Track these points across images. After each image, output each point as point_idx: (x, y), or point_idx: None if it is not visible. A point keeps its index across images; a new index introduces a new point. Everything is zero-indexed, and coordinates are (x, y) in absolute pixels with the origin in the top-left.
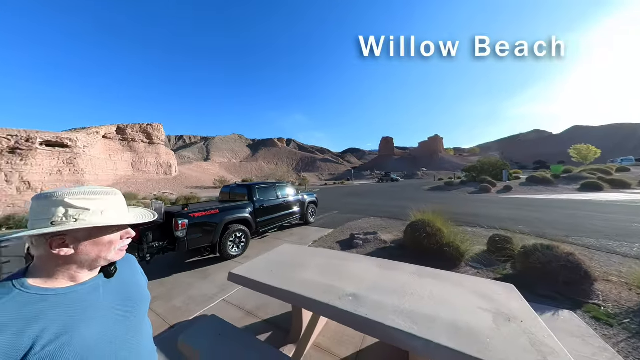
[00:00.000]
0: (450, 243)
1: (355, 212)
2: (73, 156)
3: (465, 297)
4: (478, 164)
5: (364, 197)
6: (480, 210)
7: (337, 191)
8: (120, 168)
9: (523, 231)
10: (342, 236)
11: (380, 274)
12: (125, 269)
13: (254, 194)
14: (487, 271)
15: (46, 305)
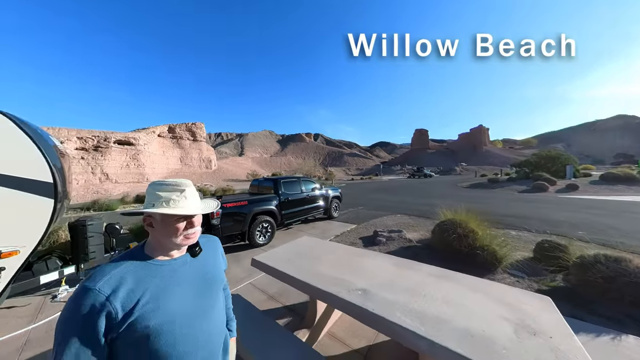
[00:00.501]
0: (484, 246)
1: (381, 209)
2: (137, 152)
3: (485, 304)
4: (533, 157)
5: (392, 193)
6: (530, 212)
7: (363, 186)
8: (171, 162)
9: (583, 238)
10: (365, 232)
11: (395, 272)
12: (209, 251)
13: (280, 187)
14: (530, 281)
15: (150, 272)
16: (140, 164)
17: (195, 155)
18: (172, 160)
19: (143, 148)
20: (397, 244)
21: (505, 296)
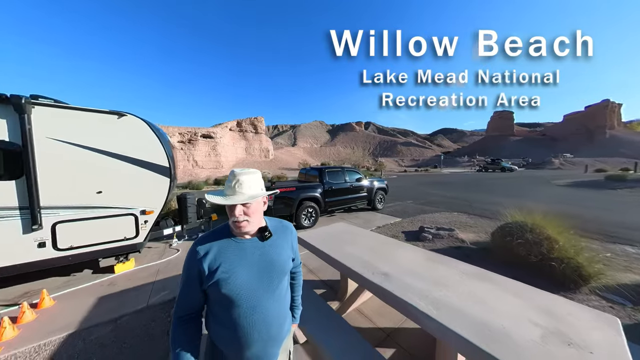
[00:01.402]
0: (565, 258)
1: (433, 204)
2: (215, 144)
3: (519, 307)
4: None
5: (450, 188)
6: None
7: (417, 179)
8: (239, 152)
9: None
10: (409, 227)
11: (423, 264)
12: (278, 238)
13: (324, 176)
14: (635, 311)
15: (229, 247)
16: (217, 154)
17: (257, 146)
18: (239, 150)
19: (219, 140)
20: (446, 242)
21: (552, 306)
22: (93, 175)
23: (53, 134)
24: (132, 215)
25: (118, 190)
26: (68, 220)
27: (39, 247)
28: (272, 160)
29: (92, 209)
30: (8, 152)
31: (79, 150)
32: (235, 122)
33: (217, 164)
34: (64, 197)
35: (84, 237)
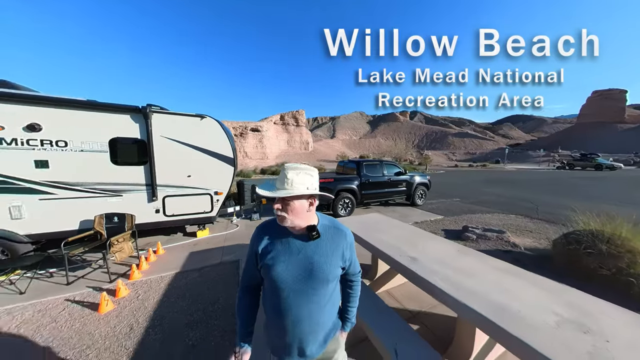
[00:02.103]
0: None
1: (484, 204)
2: (261, 137)
3: (543, 299)
4: None
5: (512, 187)
6: None
7: (471, 176)
8: (281, 145)
9: None
10: (451, 225)
11: (452, 255)
12: (328, 243)
13: (362, 169)
14: None
15: (279, 236)
16: (263, 146)
17: (298, 138)
18: (282, 142)
19: (265, 133)
20: (492, 244)
21: (585, 304)
22: (185, 163)
23: (163, 133)
24: (209, 194)
25: (200, 175)
26: (172, 195)
27: (155, 213)
28: (311, 152)
29: (184, 188)
30: (140, 146)
31: (176, 144)
32: (279, 116)
33: (263, 155)
34: (169, 178)
35: (180, 208)
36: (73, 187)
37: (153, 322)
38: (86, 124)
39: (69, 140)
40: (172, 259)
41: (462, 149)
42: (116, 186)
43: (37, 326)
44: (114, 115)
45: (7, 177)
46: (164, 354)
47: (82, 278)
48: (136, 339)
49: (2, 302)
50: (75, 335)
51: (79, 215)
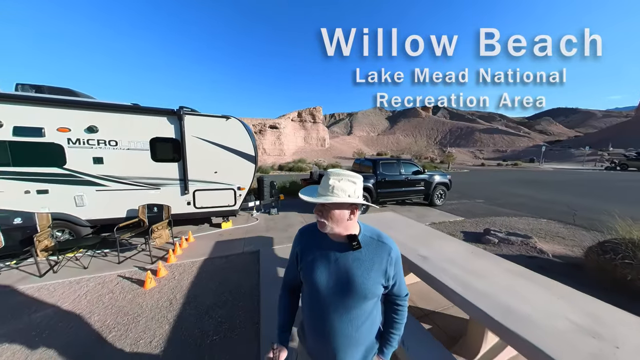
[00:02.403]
0: None
1: (513, 207)
2: (279, 134)
3: (555, 305)
4: None
5: (547, 189)
6: None
7: (499, 176)
8: (298, 141)
9: None
10: (471, 228)
11: (465, 256)
12: (369, 256)
13: (378, 167)
14: None
15: (319, 242)
16: (280, 143)
17: (314, 135)
18: (299, 139)
19: (283, 130)
20: (515, 249)
21: (599, 312)
22: (212, 161)
23: (194, 133)
24: (232, 189)
25: (225, 171)
26: (200, 190)
27: (187, 205)
28: (327, 149)
29: (211, 183)
30: (175, 145)
31: (205, 143)
32: (296, 113)
33: (280, 152)
34: (198, 174)
35: (207, 201)
36: (121, 180)
37: (188, 299)
38: (132, 126)
39: (119, 140)
40: (201, 247)
41: (490, 146)
42: (155, 180)
43: (99, 295)
44: (154, 118)
45: (73, 172)
46: (197, 327)
47: (129, 259)
48: (175, 312)
49: (72, 274)
50: (128, 304)
51: (126, 205)
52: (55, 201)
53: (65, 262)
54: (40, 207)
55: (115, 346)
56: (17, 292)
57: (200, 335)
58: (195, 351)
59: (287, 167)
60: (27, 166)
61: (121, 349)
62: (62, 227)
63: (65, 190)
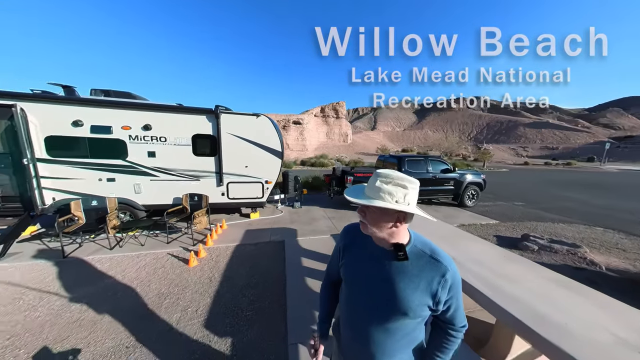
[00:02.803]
0: None
1: (562, 212)
2: (302, 129)
3: (597, 316)
4: None
5: (605, 192)
6: None
7: (545, 176)
8: (321, 137)
9: None
10: (507, 232)
11: (496, 259)
12: (416, 271)
13: (403, 165)
14: None
15: (363, 243)
16: (303, 138)
17: (337, 130)
18: (321, 135)
19: (306, 126)
20: (559, 259)
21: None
22: (243, 156)
23: (228, 129)
24: (260, 183)
25: (254, 165)
26: (233, 182)
27: (221, 195)
28: (350, 144)
29: (242, 176)
30: (212, 141)
31: (237, 139)
32: (319, 109)
33: (303, 147)
34: (231, 168)
35: (239, 193)
36: (169, 171)
37: (224, 278)
38: (178, 124)
39: (167, 136)
40: (233, 234)
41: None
42: (196, 172)
43: (154, 268)
44: (195, 116)
45: (132, 163)
46: (233, 303)
47: (175, 240)
48: (214, 289)
49: (133, 249)
50: (177, 278)
51: (172, 193)
52: (120, 188)
53: (127, 239)
54: (109, 192)
55: (170, 310)
56: (94, 260)
57: (235, 309)
58: (232, 321)
59: (310, 162)
60: (100, 158)
61: (175, 313)
62: (125, 210)
63: (127, 179)
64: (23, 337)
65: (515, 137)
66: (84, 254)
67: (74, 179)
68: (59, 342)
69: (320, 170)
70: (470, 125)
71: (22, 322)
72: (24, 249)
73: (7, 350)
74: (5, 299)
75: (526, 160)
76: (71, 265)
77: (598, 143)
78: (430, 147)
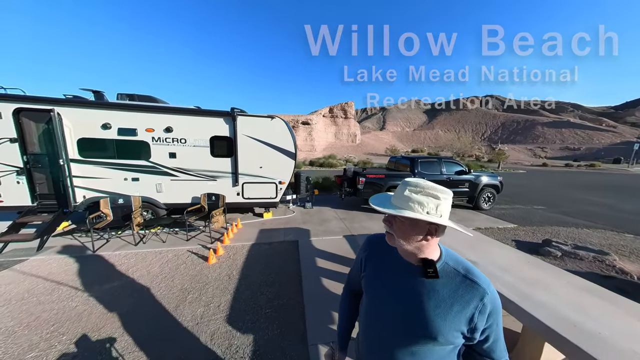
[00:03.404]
0: None
1: (586, 216)
2: (310, 130)
3: (627, 322)
4: None
5: (632, 196)
6: None
7: (566, 178)
8: (329, 137)
9: None
10: (526, 237)
11: (519, 264)
12: (449, 293)
13: (416, 166)
14: None
15: (386, 255)
16: (312, 139)
17: (345, 130)
18: (329, 135)
19: (314, 126)
20: (587, 266)
21: None
22: (258, 157)
23: (244, 131)
24: (274, 183)
25: (268, 166)
26: (248, 182)
27: (237, 195)
28: (358, 145)
29: (257, 177)
30: (229, 143)
31: (253, 141)
32: (327, 109)
33: (312, 148)
34: (247, 168)
35: (253, 193)
36: (188, 172)
37: (242, 276)
38: (197, 126)
39: (187, 138)
40: (248, 233)
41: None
42: (213, 173)
43: (177, 264)
44: (213, 119)
45: (155, 164)
46: (252, 300)
47: (194, 237)
48: (233, 286)
49: (155, 246)
50: (198, 274)
51: (191, 193)
52: (143, 187)
53: (150, 236)
54: (134, 191)
55: (195, 305)
56: (122, 256)
57: (255, 307)
58: (253, 318)
59: (318, 162)
60: (126, 159)
61: (199, 307)
62: (147, 208)
63: (150, 179)
64: (64, 324)
65: (533, 137)
66: (111, 249)
67: (102, 178)
68: (96, 330)
69: (328, 171)
70: (484, 125)
71: (62, 311)
72: (57, 243)
73: (53, 336)
74: (45, 289)
75: (545, 162)
76: (101, 259)
77: (625, 143)
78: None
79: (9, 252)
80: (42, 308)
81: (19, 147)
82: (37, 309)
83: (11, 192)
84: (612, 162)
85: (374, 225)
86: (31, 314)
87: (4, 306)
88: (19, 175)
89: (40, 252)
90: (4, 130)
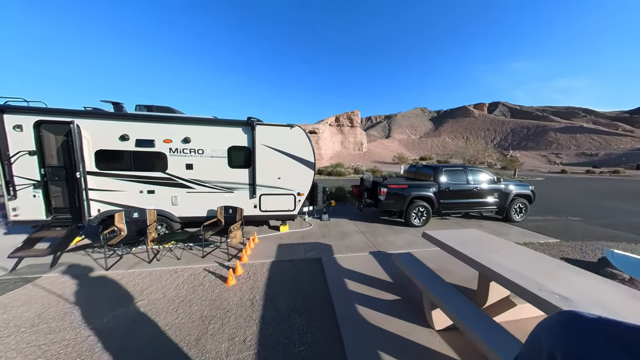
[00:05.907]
0: None
1: (631, 230)
2: (318, 138)
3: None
4: None
5: None
6: None
7: (591, 186)
8: (335, 146)
9: None
10: (575, 254)
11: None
12: None
13: (439, 175)
14: None
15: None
16: (319, 147)
17: (352, 139)
18: (336, 143)
19: (321, 135)
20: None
21: None
22: (277, 167)
23: (263, 141)
24: (292, 195)
25: (287, 177)
26: (266, 194)
27: (254, 208)
28: (365, 153)
29: (275, 188)
30: (247, 153)
31: (272, 151)
32: (334, 118)
33: (319, 156)
34: (265, 179)
35: (271, 205)
36: (205, 184)
37: (266, 301)
38: (214, 136)
39: (204, 149)
40: (266, 248)
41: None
42: (230, 184)
43: (193, 286)
44: (231, 128)
45: (171, 176)
46: (281, 333)
47: (209, 254)
48: (258, 314)
49: (170, 263)
50: (217, 298)
51: (207, 205)
52: (158, 200)
53: (163, 251)
54: (149, 204)
55: (218, 338)
56: (136, 275)
57: (286, 342)
58: (284, 357)
59: (326, 171)
60: (142, 171)
61: (222, 342)
62: (162, 222)
63: (166, 192)
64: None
65: (546, 143)
66: (125, 266)
67: (117, 191)
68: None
69: (338, 180)
70: (493, 132)
71: (73, 342)
72: (71, 259)
73: None
74: (57, 314)
75: (563, 168)
76: (114, 278)
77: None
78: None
79: (23, 268)
80: (52, 338)
81: (37, 159)
82: (46, 339)
83: (27, 205)
84: (636, 167)
85: (398, 241)
86: (39, 346)
87: (11, 335)
88: (35, 188)
89: (54, 268)
90: (23, 143)
